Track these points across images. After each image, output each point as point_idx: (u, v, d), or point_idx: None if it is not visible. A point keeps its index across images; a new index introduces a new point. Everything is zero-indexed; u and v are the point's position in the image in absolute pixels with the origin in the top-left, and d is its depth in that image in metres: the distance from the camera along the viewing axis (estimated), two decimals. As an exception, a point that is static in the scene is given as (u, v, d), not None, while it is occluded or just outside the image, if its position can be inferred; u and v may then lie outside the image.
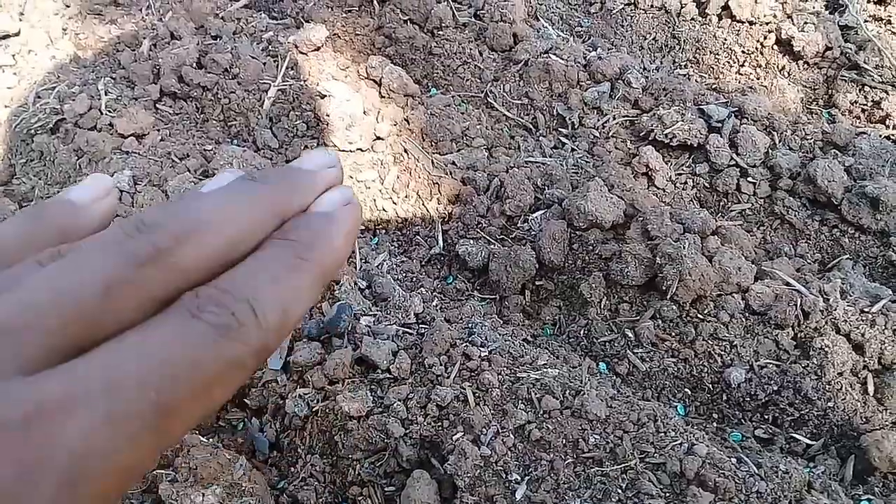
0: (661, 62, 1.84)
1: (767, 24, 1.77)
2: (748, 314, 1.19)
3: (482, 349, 1.10)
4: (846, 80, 1.70)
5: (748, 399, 1.13)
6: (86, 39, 1.79)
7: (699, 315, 1.21)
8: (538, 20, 1.85)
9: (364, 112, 1.54)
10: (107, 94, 1.53)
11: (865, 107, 1.67)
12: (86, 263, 0.26)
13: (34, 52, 1.70)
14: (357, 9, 1.82)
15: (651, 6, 1.88)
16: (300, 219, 0.32)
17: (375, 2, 1.79)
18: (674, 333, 1.21)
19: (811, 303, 1.15)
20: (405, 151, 1.53)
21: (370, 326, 1.15)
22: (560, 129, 1.64)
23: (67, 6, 1.84)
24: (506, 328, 1.24)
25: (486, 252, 1.36)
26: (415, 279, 1.39)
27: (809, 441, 1.10)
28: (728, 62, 1.81)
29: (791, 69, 1.76)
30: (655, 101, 1.61)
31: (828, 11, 1.79)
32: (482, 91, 1.69)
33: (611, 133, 1.60)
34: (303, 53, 1.67)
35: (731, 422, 1.15)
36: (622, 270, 1.23)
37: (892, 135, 1.60)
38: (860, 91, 1.68)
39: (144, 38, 1.70)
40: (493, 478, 0.94)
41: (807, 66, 1.75)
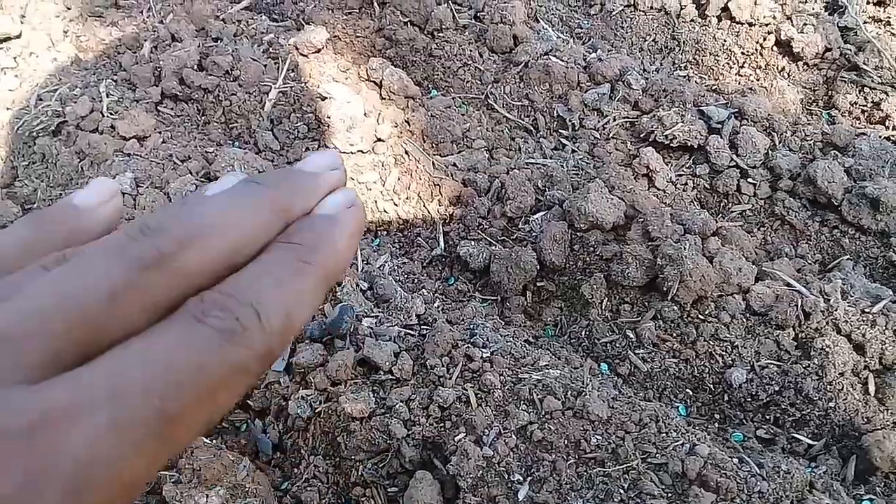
0: (661, 64, 1.84)
1: (767, 26, 1.78)
2: (749, 315, 1.19)
3: (484, 350, 1.10)
4: (846, 82, 1.70)
5: (749, 399, 1.13)
6: (87, 42, 1.79)
7: (700, 316, 1.21)
8: (538, 22, 1.86)
9: (365, 114, 1.54)
10: (108, 97, 1.54)
11: (865, 108, 1.68)
12: (90, 269, 0.26)
13: (35, 55, 1.70)
14: (357, 11, 1.82)
15: (651, 8, 1.89)
16: (304, 222, 0.32)
17: (376, 4, 1.80)
18: (675, 334, 1.21)
19: (812, 303, 1.15)
20: (406, 153, 1.53)
21: (372, 328, 1.16)
22: (560, 131, 1.64)
23: (69, 8, 1.85)
24: (507, 329, 1.24)
25: (488, 253, 1.36)
26: (416, 280, 1.39)
27: (811, 441, 1.10)
28: (728, 63, 1.81)
29: (791, 70, 1.77)
30: (655, 103, 1.62)
31: (827, 13, 1.80)
32: (483, 93, 1.69)
33: (611, 134, 1.60)
34: (303, 55, 1.67)
35: (733, 422, 1.15)
36: (623, 271, 1.23)
37: (892, 136, 1.60)
38: (860, 92, 1.69)
39: (145, 41, 1.70)
40: (496, 478, 0.94)
41: (806, 68, 1.75)
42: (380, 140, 1.54)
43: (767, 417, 1.13)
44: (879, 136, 1.52)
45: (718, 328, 1.19)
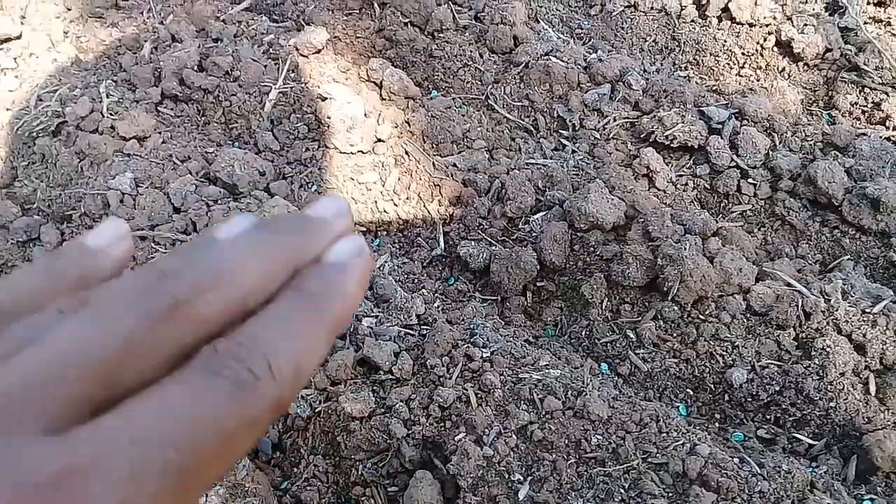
0: (662, 64, 1.84)
1: (767, 26, 1.78)
2: (749, 315, 1.19)
3: (484, 350, 1.10)
4: (846, 82, 1.70)
5: (750, 399, 1.13)
6: (87, 42, 1.79)
7: (700, 316, 1.21)
8: (538, 22, 1.86)
9: (365, 114, 1.54)
10: (108, 97, 1.54)
11: (865, 108, 1.68)
12: (108, 317, 0.27)
13: (35, 55, 1.70)
14: (358, 11, 1.82)
15: (651, 8, 1.89)
16: (313, 269, 0.32)
17: (376, 4, 1.80)
18: (675, 334, 1.21)
19: (812, 303, 1.15)
20: (406, 153, 1.53)
21: (372, 328, 1.15)
22: (561, 131, 1.64)
23: (69, 9, 1.85)
24: (507, 329, 1.24)
25: (488, 253, 1.36)
26: (416, 280, 1.39)
27: (812, 441, 1.10)
28: (728, 64, 1.81)
29: (791, 71, 1.77)
30: (656, 103, 1.62)
31: (827, 13, 1.80)
32: (483, 93, 1.69)
33: (611, 135, 1.60)
34: (303, 56, 1.67)
35: (734, 422, 1.15)
36: (623, 271, 1.23)
37: (893, 136, 1.60)
38: (860, 92, 1.69)
39: (145, 41, 1.71)
40: (496, 478, 0.94)
41: (807, 68, 1.75)
42: (380, 140, 1.54)
43: (768, 417, 1.13)
44: (880, 137, 1.51)
45: (719, 328, 1.18)
